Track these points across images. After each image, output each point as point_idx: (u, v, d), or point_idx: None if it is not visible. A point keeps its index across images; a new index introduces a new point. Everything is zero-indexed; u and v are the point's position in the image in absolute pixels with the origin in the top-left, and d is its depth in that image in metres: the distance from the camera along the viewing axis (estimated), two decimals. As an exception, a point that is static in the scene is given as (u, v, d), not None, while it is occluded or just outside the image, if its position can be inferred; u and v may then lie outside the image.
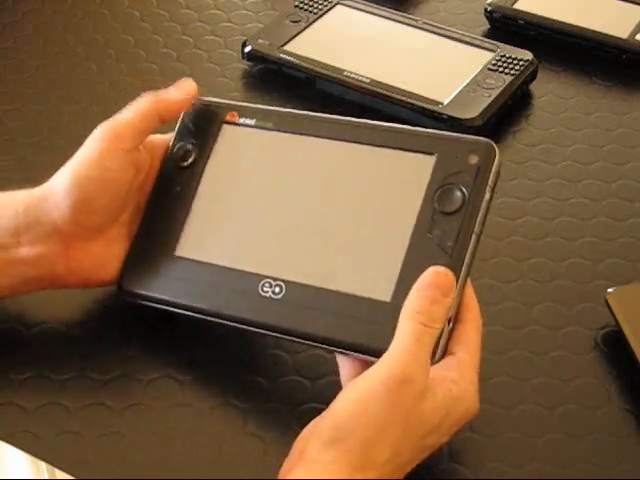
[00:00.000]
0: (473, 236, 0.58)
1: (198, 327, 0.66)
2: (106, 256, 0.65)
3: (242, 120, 0.66)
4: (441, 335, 0.56)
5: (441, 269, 0.57)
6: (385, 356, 0.55)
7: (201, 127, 0.67)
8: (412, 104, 0.81)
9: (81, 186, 0.62)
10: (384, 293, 0.58)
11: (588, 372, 0.64)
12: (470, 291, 0.59)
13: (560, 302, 0.68)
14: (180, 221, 0.65)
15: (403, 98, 0.81)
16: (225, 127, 0.67)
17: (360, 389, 0.54)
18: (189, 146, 0.67)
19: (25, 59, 0.90)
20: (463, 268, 0.58)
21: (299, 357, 0.64)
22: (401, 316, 0.56)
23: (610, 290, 0.66)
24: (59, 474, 0.59)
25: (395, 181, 0.61)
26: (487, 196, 0.59)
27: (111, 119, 0.64)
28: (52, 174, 0.64)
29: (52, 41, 0.91)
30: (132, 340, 0.66)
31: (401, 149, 0.62)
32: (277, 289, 0.61)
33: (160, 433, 0.61)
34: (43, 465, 0.60)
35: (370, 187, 0.62)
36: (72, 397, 0.62)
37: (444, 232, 0.58)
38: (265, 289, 0.61)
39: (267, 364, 0.64)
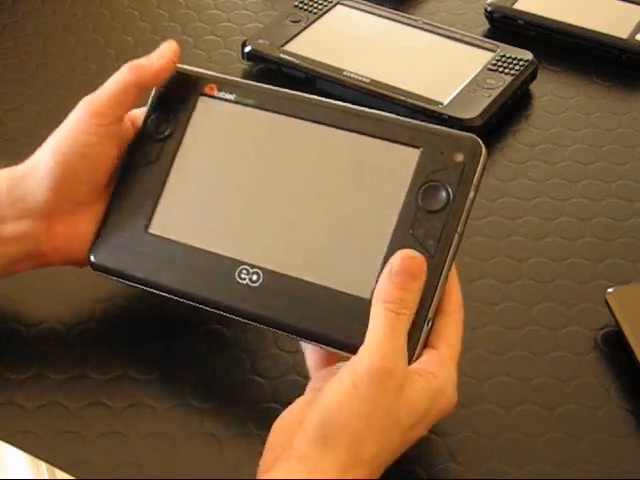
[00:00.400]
0: (456, 236, 0.58)
1: (199, 327, 0.66)
2: (92, 232, 0.64)
3: (221, 94, 0.64)
4: (420, 335, 0.56)
5: (409, 252, 0.56)
6: (363, 348, 0.55)
7: (177, 98, 0.65)
8: (412, 104, 0.81)
9: (62, 162, 0.62)
10: (364, 290, 0.58)
11: (588, 372, 0.64)
12: (453, 283, 0.59)
13: (560, 302, 0.68)
14: (154, 196, 0.63)
15: (403, 98, 0.81)
16: (202, 99, 0.64)
17: (345, 382, 0.54)
18: (164, 117, 0.65)
19: (25, 59, 0.90)
20: (445, 268, 0.57)
21: (299, 357, 0.64)
22: (372, 305, 0.56)
23: (610, 290, 0.66)
24: (59, 474, 0.59)
25: (378, 173, 0.60)
26: (471, 195, 0.58)
27: (91, 94, 0.64)
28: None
29: (52, 41, 0.92)
30: (132, 340, 0.66)
31: (386, 139, 0.61)
32: (255, 277, 0.60)
33: (160, 433, 0.61)
34: (43, 465, 0.60)
35: (353, 177, 0.61)
36: (72, 397, 0.62)
37: (427, 231, 0.58)
38: (242, 276, 0.60)
39: (267, 364, 0.64)
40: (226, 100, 0.64)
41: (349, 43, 0.88)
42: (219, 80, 0.65)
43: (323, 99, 0.63)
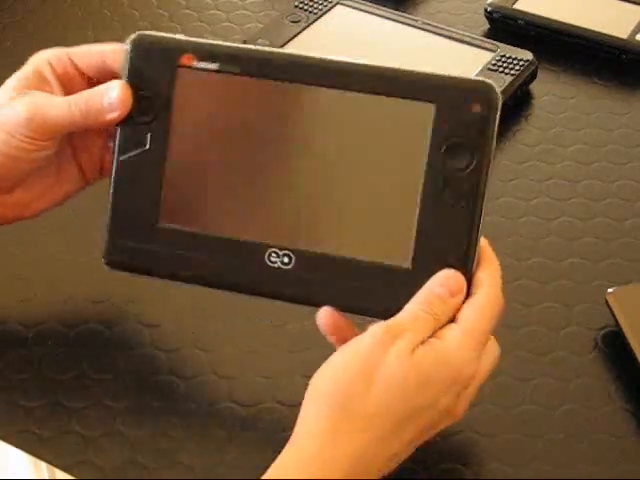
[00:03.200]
0: (485, 191, 0.56)
1: (200, 327, 0.66)
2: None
3: (202, 64, 0.58)
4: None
5: (451, 272, 0.56)
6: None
7: (152, 74, 0.59)
8: (412, 104, 0.81)
9: None
10: (402, 258, 0.57)
11: (588, 372, 0.64)
12: (487, 252, 0.58)
13: (560, 302, 0.68)
14: (156, 185, 0.59)
15: (403, 98, 0.81)
16: (181, 71, 0.58)
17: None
18: (143, 99, 0.59)
19: (25, 59, 0.89)
20: (479, 226, 0.56)
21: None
22: (408, 304, 0.56)
23: (610, 290, 0.66)
24: (59, 474, 0.59)
25: (392, 133, 0.57)
26: (494, 147, 0.56)
27: None
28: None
29: (52, 41, 0.91)
30: (132, 340, 0.66)
31: (396, 96, 0.57)
32: (286, 259, 0.57)
33: (160, 433, 0.61)
34: (43, 465, 0.60)
35: (368, 140, 0.58)
36: (72, 397, 0.62)
37: (455, 190, 0.56)
38: (272, 259, 0.58)
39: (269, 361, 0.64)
40: (209, 70, 0.58)
41: (349, 43, 0.88)
42: (195, 46, 0.59)
43: (316, 56, 0.59)
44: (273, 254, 0.58)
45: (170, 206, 0.59)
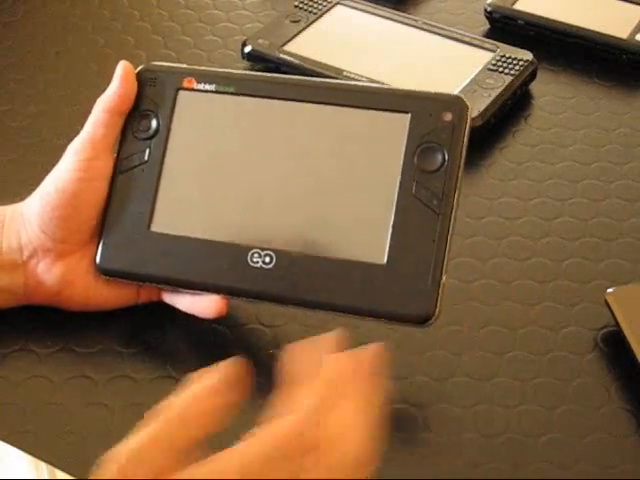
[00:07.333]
0: (456, 192, 0.60)
1: (198, 328, 0.66)
2: (81, 274, 0.64)
3: (200, 86, 0.65)
4: (439, 291, 0.58)
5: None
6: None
7: (156, 95, 0.65)
8: (412, 104, 0.81)
9: (44, 201, 0.63)
10: (378, 256, 0.59)
11: (588, 372, 0.64)
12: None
13: (560, 302, 0.68)
14: (151, 195, 0.64)
15: (403, 98, 0.81)
16: (182, 94, 0.65)
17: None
18: (146, 116, 0.65)
19: (25, 59, 0.90)
20: (450, 224, 0.59)
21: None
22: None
23: (610, 290, 0.66)
24: (59, 474, 0.59)
25: (372, 142, 0.62)
26: (464, 152, 0.60)
27: None
28: (52, 174, 0.64)
29: (52, 41, 0.91)
30: (132, 340, 0.66)
31: (374, 109, 0.62)
32: (267, 259, 0.61)
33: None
34: (43, 465, 0.60)
35: (347, 149, 0.62)
36: (72, 397, 0.62)
37: (429, 191, 0.60)
38: (255, 259, 0.61)
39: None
40: (206, 91, 0.65)
41: (349, 43, 0.88)
42: (195, 72, 0.65)
43: (302, 77, 0.65)
44: (255, 255, 0.61)
45: (162, 213, 0.64)
